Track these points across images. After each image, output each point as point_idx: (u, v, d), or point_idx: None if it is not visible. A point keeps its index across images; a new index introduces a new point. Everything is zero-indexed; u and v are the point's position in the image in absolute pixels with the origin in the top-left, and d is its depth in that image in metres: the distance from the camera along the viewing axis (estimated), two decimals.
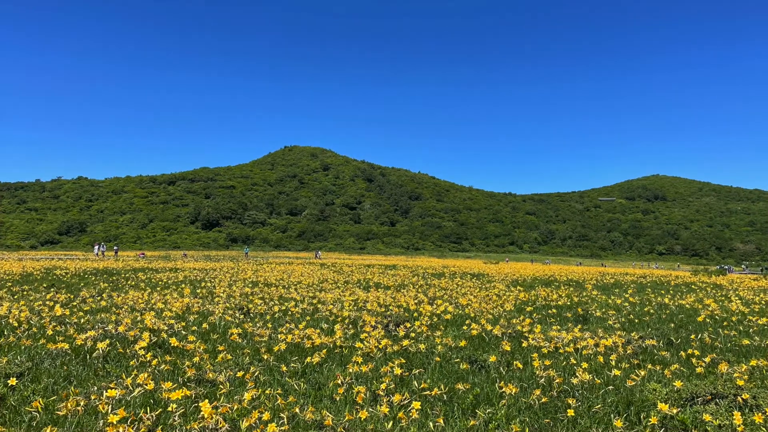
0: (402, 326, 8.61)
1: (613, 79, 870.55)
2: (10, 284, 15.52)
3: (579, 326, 8.96)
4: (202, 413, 4.14)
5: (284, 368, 5.95)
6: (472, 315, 10.47)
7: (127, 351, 6.49)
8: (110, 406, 4.38)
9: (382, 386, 5.12)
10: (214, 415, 4.17)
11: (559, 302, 13.36)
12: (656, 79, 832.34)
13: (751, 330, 9.24)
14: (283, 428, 4.15)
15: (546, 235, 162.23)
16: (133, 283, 17.17)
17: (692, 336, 8.43)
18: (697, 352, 6.86)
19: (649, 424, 4.34)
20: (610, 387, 5.43)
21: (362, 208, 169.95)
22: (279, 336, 7.59)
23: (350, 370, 5.77)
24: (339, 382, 5.37)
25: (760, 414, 4.28)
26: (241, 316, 9.79)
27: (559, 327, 9.17)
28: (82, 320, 8.55)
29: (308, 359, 6.27)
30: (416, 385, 5.31)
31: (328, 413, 4.44)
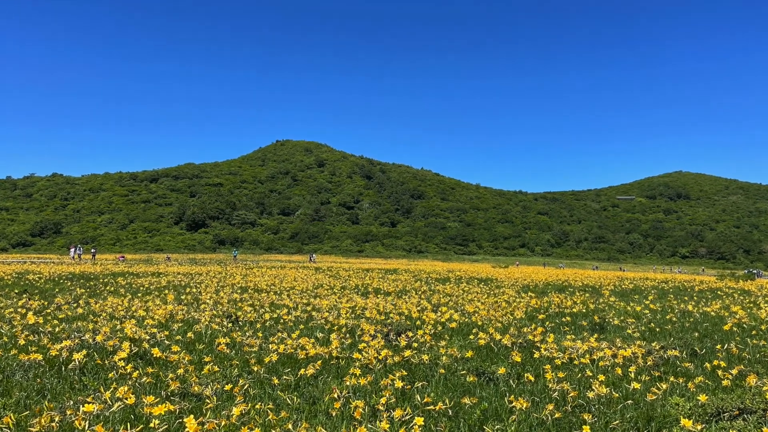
0: (403, 335, 8.61)
1: (632, 70, 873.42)
2: None
3: (595, 335, 8.97)
4: (186, 430, 4.14)
5: (276, 381, 5.96)
6: (480, 323, 10.48)
7: (106, 362, 6.50)
8: (87, 422, 4.38)
9: (382, 400, 5.13)
10: None
11: (574, 309, 13.37)
12: (679, 70, 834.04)
13: None
14: None
15: (559, 237, 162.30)
16: (113, 288, 17.18)
17: (718, 346, 8.43)
18: (723, 364, 6.86)
19: None
20: (629, 401, 5.43)
21: (360, 208, 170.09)
22: (270, 346, 7.59)
23: (347, 383, 5.78)
24: (335, 395, 5.37)
25: None
26: (230, 325, 9.80)
27: (573, 336, 9.18)
28: (57, 329, 8.55)
29: (302, 371, 6.28)
30: (419, 399, 5.31)
31: (323, 430, 4.45)
